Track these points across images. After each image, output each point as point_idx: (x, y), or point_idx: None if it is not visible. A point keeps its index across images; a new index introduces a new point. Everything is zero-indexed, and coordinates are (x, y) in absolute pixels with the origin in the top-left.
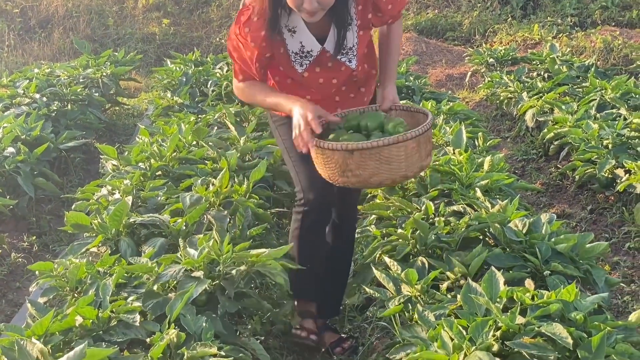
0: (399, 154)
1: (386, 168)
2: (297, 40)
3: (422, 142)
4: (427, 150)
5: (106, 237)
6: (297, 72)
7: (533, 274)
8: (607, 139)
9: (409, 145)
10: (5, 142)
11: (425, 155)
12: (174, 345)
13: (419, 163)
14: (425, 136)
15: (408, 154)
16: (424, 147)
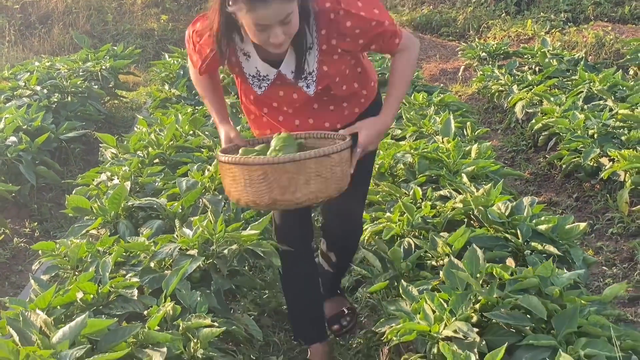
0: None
1: (235, 187)
2: (252, 65)
3: (270, 173)
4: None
5: (105, 220)
6: (256, 93)
7: (514, 254)
8: (592, 129)
9: (254, 172)
10: (7, 132)
11: (279, 189)
12: (169, 317)
13: (268, 194)
14: (278, 168)
15: (252, 180)
16: (277, 180)
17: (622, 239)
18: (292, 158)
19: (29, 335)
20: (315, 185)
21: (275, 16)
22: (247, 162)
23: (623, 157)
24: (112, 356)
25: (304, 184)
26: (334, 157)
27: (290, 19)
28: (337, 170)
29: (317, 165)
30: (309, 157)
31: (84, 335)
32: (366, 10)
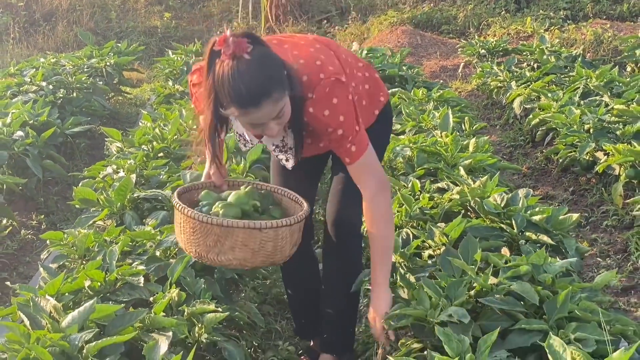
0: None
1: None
2: (239, 126)
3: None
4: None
5: (112, 211)
6: (242, 149)
7: (509, 243)
8: (588, 124)
9: (187, 222)
10: (14, 126)
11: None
12: (174, 303)
13: (195, 247)
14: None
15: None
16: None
17: (617, 231)
18: (219, 222)
19: (39, 319)
20: (241, 253)
21: (268, 116)
22: (182, 211)
23: (617, 151)
24: (119, 339)
25: (229, 249)
26: (267, 232)
27: (283, 112)
28: (268, 245)
29: (245, 235)
30: (237, 226)
31: (92, 320)
32: (331, 113)
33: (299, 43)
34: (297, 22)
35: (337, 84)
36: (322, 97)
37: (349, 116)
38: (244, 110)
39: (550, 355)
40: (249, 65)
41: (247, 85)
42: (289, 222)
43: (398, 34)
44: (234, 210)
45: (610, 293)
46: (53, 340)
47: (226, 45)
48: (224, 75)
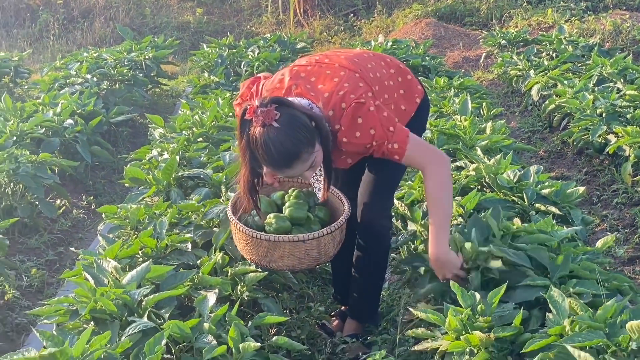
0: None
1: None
2: None
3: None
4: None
5: (159, 189)
6: None
7: (521, 214)
8: (600, 109)
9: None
10: (64, 115)
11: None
12: (219, 266)
13: (248, 254)
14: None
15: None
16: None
17: (626, 207)
18: (267, 238)
19: (101, 278)
20: (289, 261)
21: (300, 171)
22: (236, 226)
23: (627, 133)
24: (173, 293)
25: (278, 258)
26: (311, 242)
27: (315, 162)
28: (312, 252)
29: (291, 247)
30: (282, 240)
31: (148, 279)
32: (362, 131)
33: (326, 73)
34: (325, 16)
35: (356, 107)
36: (348, 124)
37: (377, 126)
38: (278, 171)
39: (550, 304)
40: (278, 132)
41: (278, 151)
42: (330, 230)
43: (422, 26)
44: (285, 222)
45: (618, 263)
46: (116, 294)
47: (255, 115)
48: (257, 141)
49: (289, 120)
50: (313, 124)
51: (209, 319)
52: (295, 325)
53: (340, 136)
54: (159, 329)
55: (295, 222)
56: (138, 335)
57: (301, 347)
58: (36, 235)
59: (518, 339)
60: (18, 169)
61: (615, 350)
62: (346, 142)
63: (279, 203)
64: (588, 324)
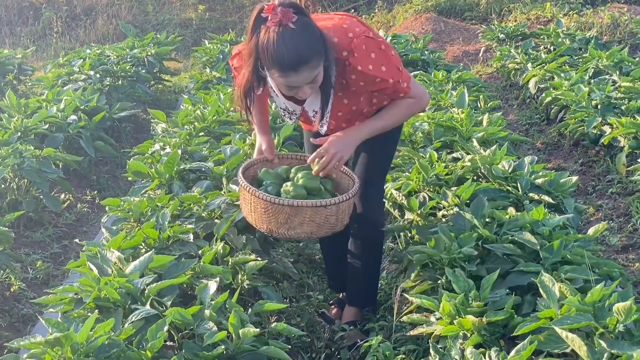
0: (245, 199)
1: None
2: (281, 101)
3: (270, 210)
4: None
5: (161, 182)
6: (288, 122)
7: (515, 203)
8: (596, 100)
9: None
10: (68, 111)
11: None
12: (220, 255)
13: (267, 224)
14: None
15: (254, 206)
16: (275, 215)
17: (620, 197)
18: (290, 203)
19: (105, 268)
20: (309, 227)
21: (304, 80)
22: (255, 194)
23: (621, 124)
24: (175, 281)
25: (298, 225)
26: (331, 209)
27: (317, 78)
28: (331, 219)
29: (312, 212)
30: (306, 205)
31: (151, 268)
32: (374, 66)
33: (325, 17)
34: (326, 11)
35: (368, 40)
36: (362, 54)
37: (389, 64)
38: (283, 74)
39: (541, 289)
40: (293, 33)
41: (289, 52)
42: (349, 196)
43: (422, 21)
44: (302, 190)
45: (611, 252)
46: (120, 283)
47: (274, 13)
48: (269, 40)
49: (305, 25)
50: (323, 42)
51: (210, 306)
52: (294, 314)
53: (354, 63)
54: (162, 316)
55: (309, 191)
56: (141, 322)
57: (300, 332)
58: (41, 229)
59: (510, 322)
60: (23, 164)
61: (603, 332)
62: (360, 70)
63: (284, 176)
64: (577, 307)
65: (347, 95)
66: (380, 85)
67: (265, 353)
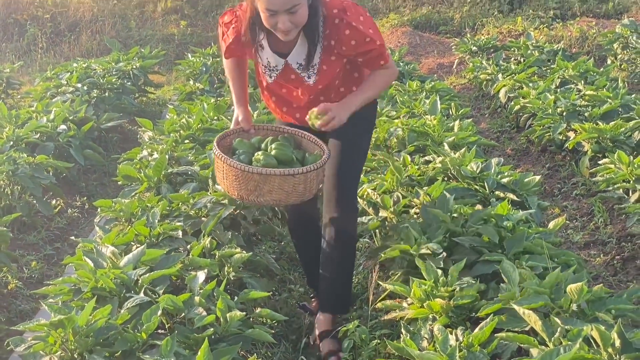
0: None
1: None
2: (265, 56)
3: (241, 178)
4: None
5: (150, 185)
6: (268, 82)
7: (482, 201)
8: (561, 108)
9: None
10: (57, 121)
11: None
12: (207, 250)
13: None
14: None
15: (226, 173)
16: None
17: (584, 198)
18: (259, 171)
19: (100, 262)
20: (277, 195)
21: (282, 4)
22: (226, 162)
23: (584, 129)
24: (167, 272)
25: (267, 192)
26: (299, 177)
27: (297, 10)
28: (299, 187)
29: (281, 181)
30: (274, 174)
31: (143, 262)
32: (364, 26)
33: None
34: None
35: (356, 5)
36: (354, 13)
37: (374, 27)
38: None
39: (503, 274)
40: None
41: None
42: (316, 166)
43: (398, 34)
44: (272, 159)
45: (575, 248)
46: (115, 274)
47: None
48: None
49: None
50: None
51: (199, 294)
52: (277, 305)
53: (348, 19)
54: (155, 302)
55: (280, 161)
56: (135, 309)
57: (283, 317)
58: (34, 232)
59: (475, 306)
60: (17, 170)
61: (559, 312)
62: (354, 26)
63: (257, 146)
64: (535, 290)
65: (333, 55)
66: (369, 46)
67: (251, 335)
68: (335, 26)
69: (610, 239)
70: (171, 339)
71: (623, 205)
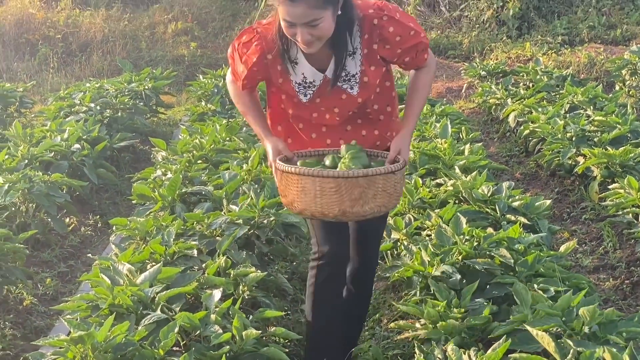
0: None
1: (303, 198)
2: (299, 72)
3: (344, 186)
4: (354, 197)
5: (164, 204)
6: (302, 102)
7: (493, 224)
8: (570, 133)
9: (325, 183)
10: (71, 140)
11: (350, 201)
12: (222, 269)
13: (339, 207)
14: (351, 182)
15: (323, 191)
16: (348, 192)
17: (593, 222)
18: (365, 173)
19: (117, 279)
20: (381, 199)
21: (300, 17)
22: (322, 174)
23: (594, 154)
24: (183, 290)
25: (372, 198)
26: (397, 175)
27: (318, 24)
28: (398, 187)
29: (384, 181)
30: (379, 173)
31: (159, 279)
32: (405, 20)
33: None
34: None
35: (387, 3)
36: (390, 10)
37: (414, 21)
38: (281, 0)
39: (515, 296)
40: None
41: None
42: (404, 163)
43: None
44: (362, 160)
45: (584, 272)
46: (132, 291)
47: None
48: None
49: None
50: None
51: (215, 312)
52: (289, 324)
53: (390, 14)
54: (172, 319)
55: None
56: (152, 326)
57: (297, 336)
58: (48, 250)
59: (487, 327)
60: (32, 188)
61: (571, 334)
62: (398, 20)
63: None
64: (547, 312)
65: (373, 64)
66: (414, 40)
67: (266, 354)
68: (375, 27)
69: (619, 263)
70: (188, 356)
71: (632, 230)
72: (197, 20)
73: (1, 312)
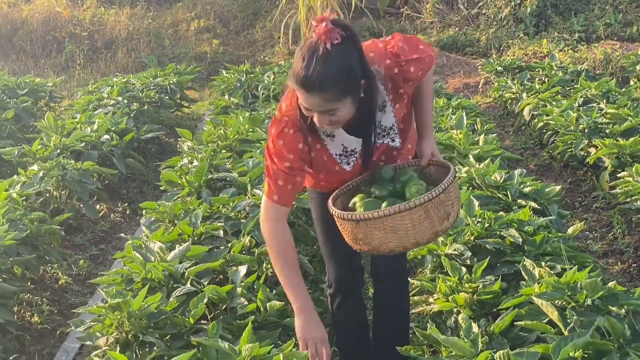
0: (404, 223)
1: (393, 237)
2: (338, 143)
3: (431, 209)
4: (441, 215)
5: (191, 190)
6: (345, 171)
7: (505, 209)
8: (583, 125)
9: (415, 214)
10: (101, 132)
11: (438, 220)
12: (247, 248)
13: (431, 229)
14: (435, 202)
15: (415, 222)
16: (436, 212)
17: (604, 210)
18: (444, 187)
19: (149, 256)
20: (457, 205)
21: (316, 106)
22: (409, 207)
23: (605, 145)
24: (211, 265)
25: (451, 207)
26: (455, 184)
27: (335, 112)
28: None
29: (453, 187)
30: (451, 182)
31: (188, 257)
32: (418, 52)
33: None
34: None
35: (393, 40)
36: (404, 51)
37: (420, 42)
38: (295, 86)
39: (523, 272)
40: (324, 55)
41: (308, 70)
42: (452, 177)
43: None
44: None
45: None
46: (163, 266)
47: (321, 24)
48: (304, 46)
49: (341, 55)
50: (362, 81)
51: (241, 286)
52: None
53: (406, 56)
54: (200, 291)
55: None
56: (183, 297)
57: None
58: (80, 234)
59: (497, 301)
60: (65, 176)
61: (575, 306)
62: (416, 58)
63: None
64: (553, 286)
65: (403, 108)
66: (429, 63)
67: (288, 324)
68: (397, 74)
69: (627, 248)
70: (217, 324)
71: None
72: (219, 18)
73: (39, 289)
